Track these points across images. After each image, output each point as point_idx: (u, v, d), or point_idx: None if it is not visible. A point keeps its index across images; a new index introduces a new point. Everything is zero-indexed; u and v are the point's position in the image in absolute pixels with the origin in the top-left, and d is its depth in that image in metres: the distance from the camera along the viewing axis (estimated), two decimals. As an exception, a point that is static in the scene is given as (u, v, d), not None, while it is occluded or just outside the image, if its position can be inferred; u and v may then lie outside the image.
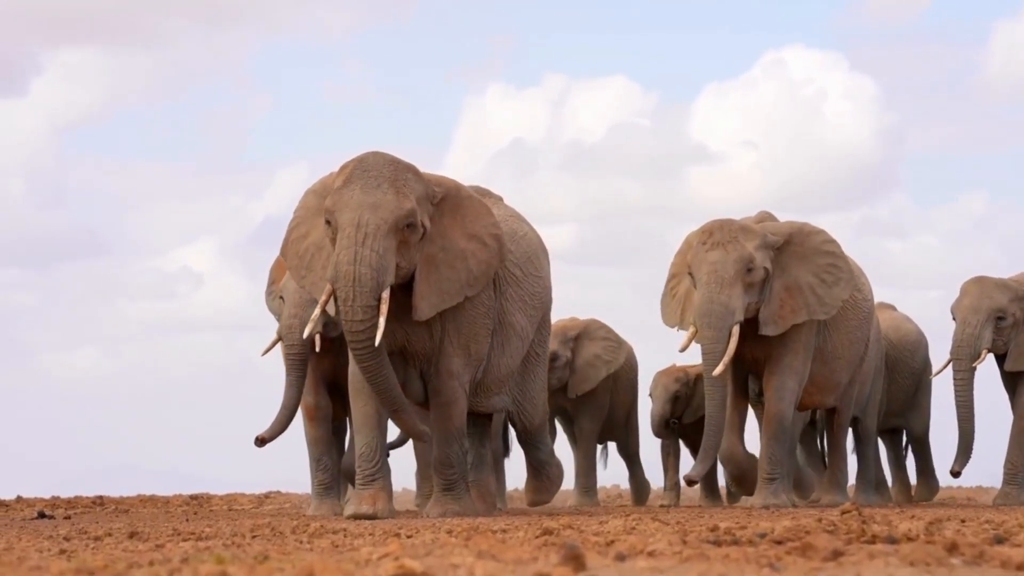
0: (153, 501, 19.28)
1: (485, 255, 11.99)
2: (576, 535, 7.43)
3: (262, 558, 5.96)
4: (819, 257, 14.44)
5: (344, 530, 8.89)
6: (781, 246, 14.34)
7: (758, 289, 14.10)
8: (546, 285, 13.08)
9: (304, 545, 7.32)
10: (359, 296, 11.10)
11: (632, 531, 8.04)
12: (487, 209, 12.15)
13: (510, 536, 7.68)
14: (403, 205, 11.28)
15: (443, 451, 12.03)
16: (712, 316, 13.86)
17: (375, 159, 11.46)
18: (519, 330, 12.62)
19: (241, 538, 8.07)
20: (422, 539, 7.50)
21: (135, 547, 7.33)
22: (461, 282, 11.84)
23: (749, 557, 5.59)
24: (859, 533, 6.67)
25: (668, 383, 16.80)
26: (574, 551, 5.25)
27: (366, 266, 11.09)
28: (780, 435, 14.34)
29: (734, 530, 7.25)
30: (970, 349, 16.18)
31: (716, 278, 13.89)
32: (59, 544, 7.76)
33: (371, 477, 11.92)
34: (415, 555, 5.65)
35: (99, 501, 18.47)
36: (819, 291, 14.33)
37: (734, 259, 13.91)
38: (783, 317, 14.21)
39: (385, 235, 11.18)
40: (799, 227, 14.55)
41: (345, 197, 11.28)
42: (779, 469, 14.37)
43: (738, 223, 14.22)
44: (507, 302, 12.48)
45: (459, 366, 11.97)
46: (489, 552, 5.68)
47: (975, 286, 16.34)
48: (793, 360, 14.37)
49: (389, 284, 11.22)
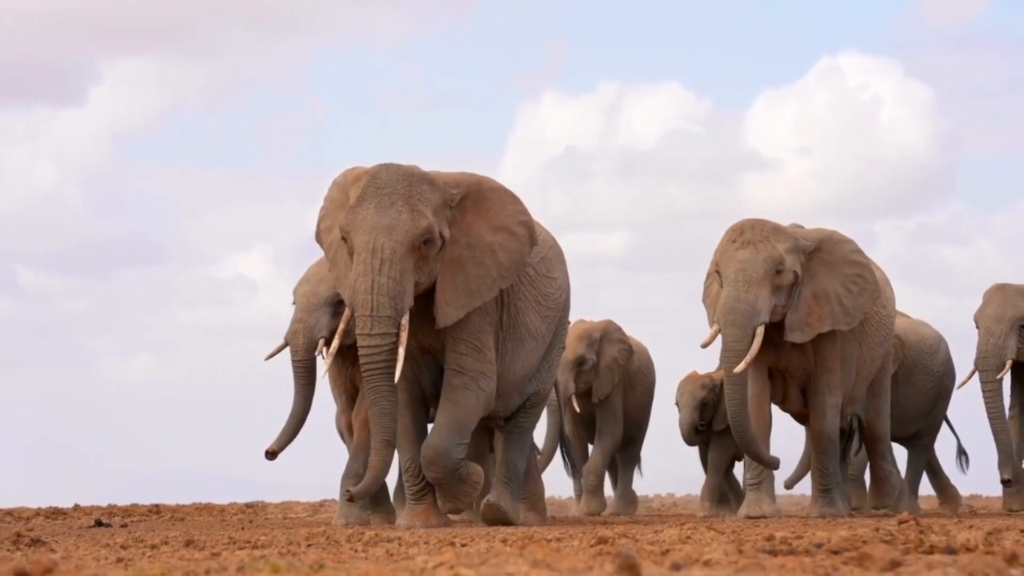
0: (209, 509, 19.35)
1: (515, 244, 11.78)
2: (631, 544, 7.41)
3: (317, 566, 5.97)
4: (847, 267, 14.27)
5: (399, 539, 8.90)
6: (811, 252, 14.17)
7: (786, 292, 13.91)
8: (561, 287, 12.76)
9: (359, 553, 7.32)
10: (376, 325, 11.04)
11: (687, 540, 8.01)
12: (513, 197, 11.91)
13: (565, 545, 7.67)
14: (419, 224, 11.14)
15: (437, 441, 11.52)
16: (736, 314, 13.68)
17: (388, 174, 11.27)
18: (533, 331, 12.32)
19: (296, 546, 8.08)
20: (476, 548, 7.49)
21: (191, 555, 7.36)
22: (492, 277, 11.66)
23: (806, 567, 5.56)
24: (917, 543, 6.62)
25: (695, 390, 16.51)
26: (629, 560, 5.23)
27: (384, 295, 11.02)
28: (829, 449, 14.30)
29: (790, 540, 7.21)
30: (995, 360, 15.99)
31: (744, 277, 13.71)
32: (116, 552, 7.79)
33: (421, 493, 11.83)
34: (470, 564, 5.64)
35: (155, 509, 18.56)
36: (845, 301, 14.16)
37: (763, 259, 13.73)
38: (810, 325, 14.03)
39: (402, 258, 11.07)
40: (828, 235, 14.39)
41: (360, 217, 11.13)
42: (831, 479, 14.33)
43: (771, 223, 14.03)
44: (520, 301, 12.19)
45: (472, 364, 11.67)
46: (544, 561, 5.67)
47: (997, 294, 16.12)
48: (831, 378, 14.28)
49: (407, 308, 11.13)
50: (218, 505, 20.64)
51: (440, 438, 11.54)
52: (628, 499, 17.99)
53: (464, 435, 11.65)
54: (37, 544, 8.62)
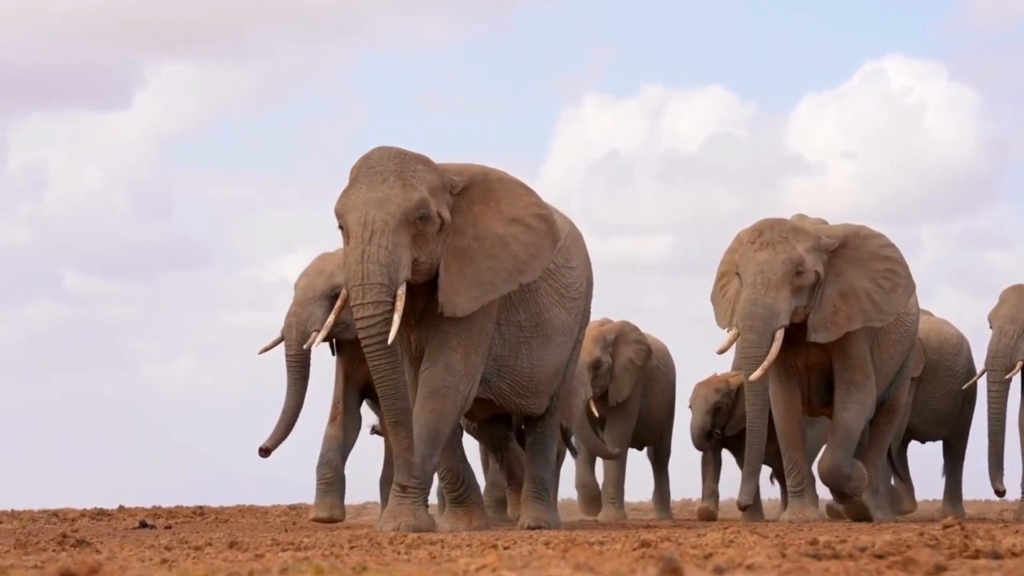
0: (252, 511, 19.41)
1: (531, 238, 11.37)
2: (674, 548, 7.40)
3: (360, 568, 5.98)
4: (877, 262, 13.97)
5: (441, 541, 8.90)
6: (835, 249, 13.87)
7: (807, 293, 13.62)
8: (582, 275, 12.28)
9: (402, 556, 7.33)
10: (368, 293, 10.55)
11: (731, 544, 7.98)
12: (526, 189, 11.54)
13: (608, 548, 7.66)
14: (411, 196, 10.70)
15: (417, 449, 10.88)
16: (755, 319, 13.44)
17: (380, 154, 10.91)
18: (560, 325, 11.93)
19: (339, 548, 8.10)
20: (519, 551, 7.49)
21: (235, 557, 7.38)
22: (507, 270, 11.22)
23: (850, 571, 5.54)
24: (962, 548, 6.59)
25: (708, 394, 16.17)
26: (672, 564, 5.22)
27: (374, 263, 10.55)
28: (846, 442, 13.84)
29: (834, 544, 7.18)
30: (1005, 360, 15.68)
31: (763, 279, 13.46)
32: (160, 553, 7.82)
33: (462, 496, 11.71)
34: (513, 566, 5.64)
35: (199, 511, 18.63)
36: (876, 297, 13.84)
37: (783, 260, 13.48)
38: (836, 323, 13.74)
39: (394, 230, 10.60)
40: (855, 230, 14.08)
41: (352, 198, 10.79)
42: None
43: (790, 223, 13.78)
44: (542, 299, 11.80)
45: (459, 364, 11.10)
46: (587, 564, 5.67)
47: (1013, 294, 15.90)
48: (857, 375, 13.96)
49: (403, 280, 10.65)
50: (261, 507, 20.71)
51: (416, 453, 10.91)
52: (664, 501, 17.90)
53: (440, 445, 11.11)
54: (82, 545, 8.66)
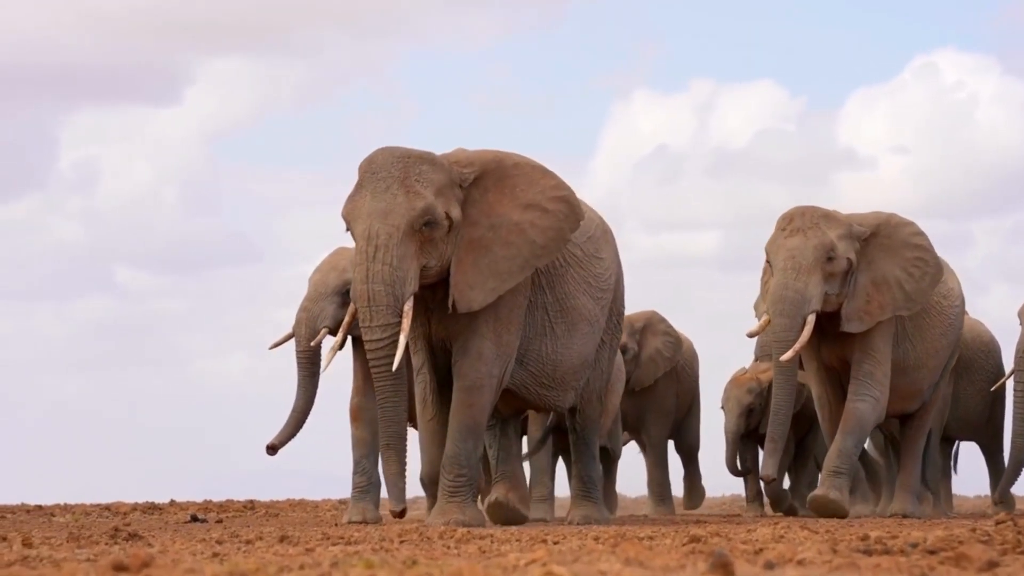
0: (303, 505, 19.47)
1: (549, 221, 11.15)
2: (724, 543, 7.38)
3: (410, 562, 5.99)
4: (907, 250, 13.85)
5: (491, 536, 8.91)
6: (867, 238, 13.77)
7: (839, 280, 13.54)
8: (611, 268, 12.05)
9: (451, 550, 7.34)
10: (376, 316, 10.56)
11: (781, 539, 7.96)
12: (543, 172, 11.31)
13: (657, 543, 7.65)
14: (415, 205, 10.58)
15: (456, 446, 10.97)
16: (785, 303, 13.36)
17: (383, 158, 10.74)
18: (587, 314, 11.68)
19: (389, 542, 8.12)
20: (569, 545, 7.49)
21: (285, 551, 7.41)
22: (524, 257, 11.03)
23: (901, 567, 5.52)
24: (1015, 544, 6.55)
25: (741, 395, 15.95)
26: (722, 559, 5.21)
27: (379, 283, 10.52)
28: (857, 431, 13.63)
29: (885, 539, 7.15)
30: None
31: (793, 264, 13.40)
32: (212, 547, 7.86)
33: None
34: (562, 561, 5.64)
35: (250, 505, 18.70)
36: (907, 286, 13.73)
37: (813, 245, 13.42)
38: (869, 313, 13.62)
39: (399, 243, 10.54)
40: (886, 218, 13.97)
41: (358, 205, 10.69)
42: (847, 464, 13.61)
43: (822, 210, 13.67)
44: (568, 284, 11.58)
45: (491, 352, 11.02)
46: (636, 559, 5.66)
47: None
48: (875, 368, 13.78)
49: (411, 293, 10.59)
50: (312, 501, 20.76)
51: (456, 449, 10.98)
52: (694, 494, 17.75)
53: (480, 435, 11.07)
54: (134, 538, 8.70)
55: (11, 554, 7.05)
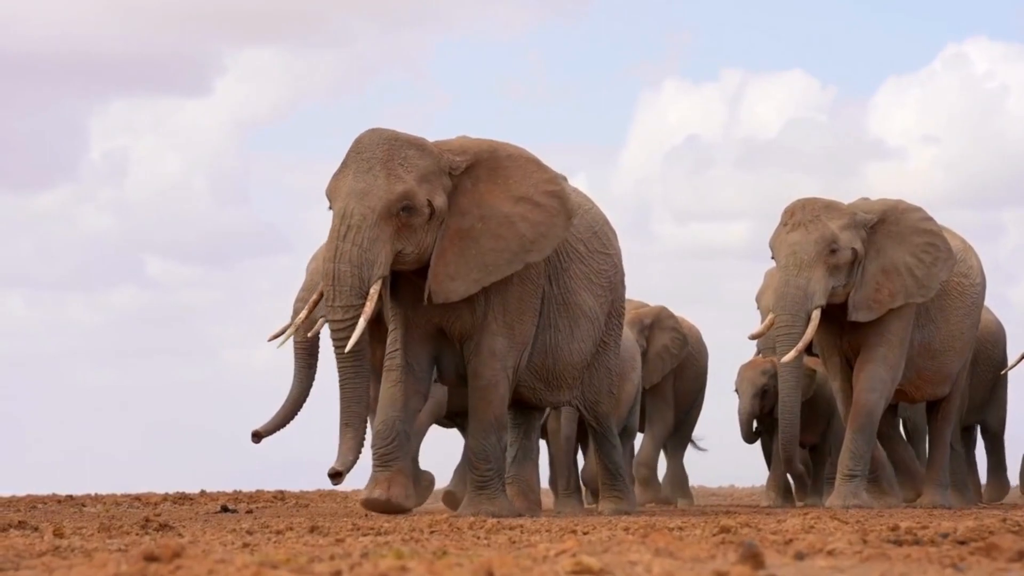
0: (333, 496, 19.51)
1: (540, 216, 10.94)
2: (754, 533, 7.37)
3: (441, 553, 6.00)
4: (917, 236, 13.63)
5: (521, 527, 8.92)
6: (874, 225, 13.57)
7: (845, 271, 13.34)
8: (614, 264, 11.91)
9: (482, 541, 7.35)
10: (339, 295, 10.39)
11: (811, 530, 7.95)
12: (537, 166, 11.11)
13: (687, 534, 7.65)
14: (394, 189, 10.42)
15: (479, 442, 10.96)
16: (787, 300, 13.21)
17: (370, 138, 10.63)
18: (587, 311, 11.55)
19: (420, 533, 8.13)
20: (599, 536, 7.49)
21: (316, 541, 7.43)
22: (512, 250, 10.81)
23: (931, 557, 5.51)
24: (1045, 534, 6.53)
25: (754, 377, 15.72)
26: (752, 549, 5.21)
27: (346, 263, 10.36)
28: (867, 428, 13.42)
29: (915, 530, 7.14)
30: None
31: (795, 260, 13.22)
32: (242, 538, 7.88)
33: (386, 458, 10.76)
34: (592, 551, 5.64)
35: (280, 495, 18.75)
36: (918, 272, 13.52)
37: (815, 239, 13.22)
38: (879, 301, 13.42)
39: (373, 224, 10.37)
40: (893, 205, 13.74)
41: (339, 184, 10.57)
42: (861, 466, 13.43)
43: (824, 201, 13.48)
44: (570, 280, 11.43)
45: (503, 347, 10.91)
46: (667, 549, 5.66)
47: None
48: (888, 352, 13.54)
49: (379, 277, 10.39)
50: (342, 492, 20.79)
51: (479, 445, 10.95)
52: (678, 483, 17.62)
53: (501, 429, 11.02)
54: (165, 529, 8.74)
55: (43, 544, 7.08)
